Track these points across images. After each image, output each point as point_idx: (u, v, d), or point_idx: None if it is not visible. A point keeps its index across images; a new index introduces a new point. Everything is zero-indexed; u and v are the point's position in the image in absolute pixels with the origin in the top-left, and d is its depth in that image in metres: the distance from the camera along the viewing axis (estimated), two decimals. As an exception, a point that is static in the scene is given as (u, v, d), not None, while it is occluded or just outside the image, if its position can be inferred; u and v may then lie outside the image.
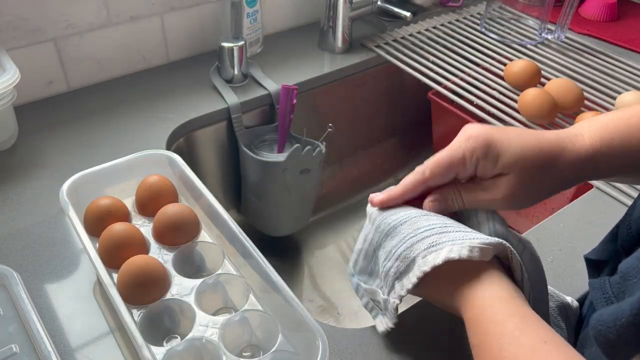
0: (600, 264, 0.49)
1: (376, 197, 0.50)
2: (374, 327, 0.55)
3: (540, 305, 0.47)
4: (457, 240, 0.43)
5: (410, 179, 0.48)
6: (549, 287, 0.54)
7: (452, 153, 0.46)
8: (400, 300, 0.47)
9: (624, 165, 0.47)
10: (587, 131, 0.46)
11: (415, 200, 0.49)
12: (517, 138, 0.45)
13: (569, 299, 0.54)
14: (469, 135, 0.46)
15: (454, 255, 0.42)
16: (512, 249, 0.43)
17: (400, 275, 0.46)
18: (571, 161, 0.45)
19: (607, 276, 0.42)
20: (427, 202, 0.48)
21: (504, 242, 0.43)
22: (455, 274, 0.44)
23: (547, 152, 0.45)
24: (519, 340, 0.37)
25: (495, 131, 0.46)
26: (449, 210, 0.48)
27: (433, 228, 0.45)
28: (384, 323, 0.50)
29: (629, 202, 0.70)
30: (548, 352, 0.36)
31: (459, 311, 0.43)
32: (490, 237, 0.44)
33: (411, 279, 0.45)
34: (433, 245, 0.44)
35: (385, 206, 0.49)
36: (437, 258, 0.43)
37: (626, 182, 0.68)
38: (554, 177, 0.46)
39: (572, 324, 0.52)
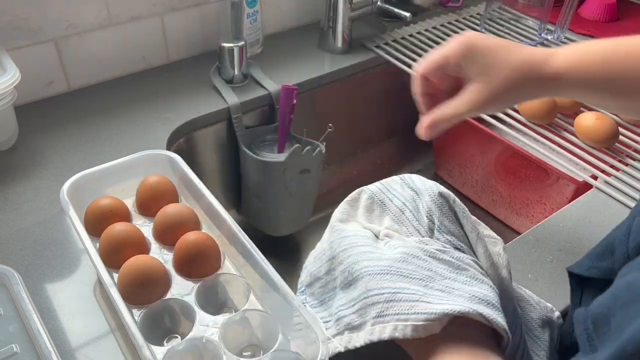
0: (585, 280, 0.48)
1: (424, 123, 0.57)
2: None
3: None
4: (402, 315, 0.43)
5: (414, 81, 0.58)
6: (535, 296, 0.54)
7: (440, 51, 0.55)
8: (344, 350, 0.47)
9: (588, 85, 0.52)
10: (563, 49, 0.53)
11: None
12: (496, 51, 0.53)
13: (555, 314, 0.54)
14: (459, 40, 0.53)
15: (398, 334, 0.42)
16: (461, 310, 0.42)
17: (352, 328, 0.47)
18: (537, 79, 0.52)
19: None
20: (421, 130, 0.58)
21: (448, 312, 0.41)
22: (410, 343, 0.44)
23: (514, 69, 0.52)
24: None
25: (482, 39, 0.53)
26: (440, 127, 0.56)
27: (383, 294, 0.45)
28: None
29: (629, 203, 0.70)
30: None
31: None
32: (436, 308, 0.42)
33: (357, 341, 0.45)
34: (380, 316, 0.44)
35: (423, 109, 0.59)
36: (382, 332, 0.43)
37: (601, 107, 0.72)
38: (515, 90, 0.53)
39: (555, 337, 0.52)
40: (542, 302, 0.54)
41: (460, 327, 0.42)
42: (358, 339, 0.46)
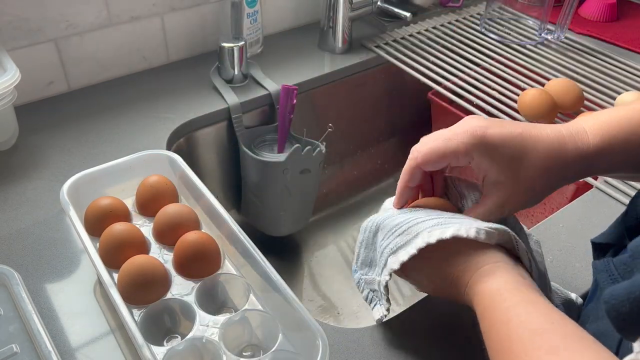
0: (605, 247, 0.50)
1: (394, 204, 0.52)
2: (373, 327, 0.55)
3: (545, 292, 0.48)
4: (464, 222, 0.44)
5: (406, 167, 0.49)
6: (554, 283, 0.55)
7: (447, 144, 0.46)
8: (390, 276, 0.48)
9: (624, 164, 0.47)
10: (590, 129, 0.46)
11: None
12: (515, 141, 0.45)
13: (573, 295, 0.55)
14: (467, 130, 0.46)
15: (462, 233, 0.43)
16: (517, 237, 0.45)
17: (397, 249, 0.46)
18: (572, 162, 0.45)
19: (610, 257, 0.43)
20: None
21: (509, 230, 0.44)
22: (462, 260, 0.44)
23: (544, 156, 0.45)
24: (526, 324, 0.38)
25: (493, 127, 0.46)
26: None
27: (441, 216, 0.46)
28: (379, 311, 0.51)
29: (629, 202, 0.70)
30: (554, 331, 0.37)
31: (465, 300, 0.44)
32: (496, 225, 0.45)
33: (409, 251, 0.45)
34: (440, 224, 0.45)
35: (398, 202, 0.51)
36: (444, 233, 0.44)
37: (624, 179, 0.68)
38: (550, 179, 0.46)
39: (576, 318, 0.53)
40: (559, 287, 0.56)
41: (512, 258, 0.44)
42: (410, 249, 0.45)
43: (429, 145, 0.47)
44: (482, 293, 0.42)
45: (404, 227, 0.46)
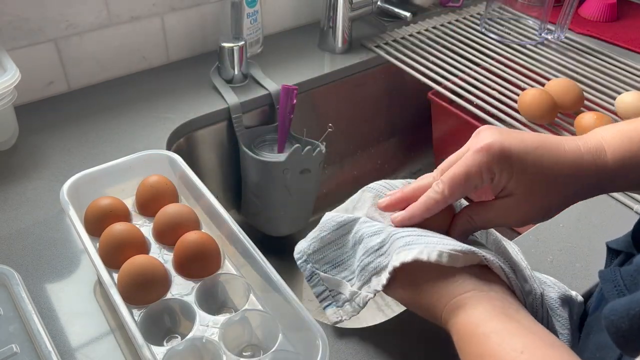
0: (619, 253, 0.50)
1: (396, 217, 0.48)
2: (374, 327, 0.55)
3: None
4: (430, 244, 0.44)
5: (431, 200, 0.46)
6: (551, 278, 0.55)
7: (468, 169, 0.44)
8: (374, 295, 0.48)
9: None
10: (609, 146, 0.45)
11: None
12: (533, 154, 0.44)
13: (573, 293, 0.55)
14: (483, 147, 0.44)
15: (424, 257, 0.43)
16: (485, 256, 0.43)
17: (379, 270, 0.47)
18: (589, 181, 0.44)
19: (617, 266, 0.42)
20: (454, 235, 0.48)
21: (475, 250, 0.43)
22: (435, 290, 0.44)
23: (564, 174, 0.44)
24: (497, 357, 0.38)
25: (511, 141, 0.44)
26: (466, 235, 0.49)
27: (414, 231, 0.46)
28: (338, 314, 0.51)
29: (629, 203, 0.70)
30: None
31: (445, 328, 0.44)
32: (463, 245, 0.44)
33: (384, 277, 0.46)
34: (407, 244, 0.44)
35: (405, 225, 0.48)
36: (407, 256, 0.44)
37: None
38: (568, 196, 0.45)
39: (575, 317, 0.53)
40: (559, 282, 0.55)
41: (485, 282, 0.43)
42: (385, 275, 0.46)
43: (451, 174, 0.45)
44: (456, 327, 0.42)
45: (384, 248, 0.47)
